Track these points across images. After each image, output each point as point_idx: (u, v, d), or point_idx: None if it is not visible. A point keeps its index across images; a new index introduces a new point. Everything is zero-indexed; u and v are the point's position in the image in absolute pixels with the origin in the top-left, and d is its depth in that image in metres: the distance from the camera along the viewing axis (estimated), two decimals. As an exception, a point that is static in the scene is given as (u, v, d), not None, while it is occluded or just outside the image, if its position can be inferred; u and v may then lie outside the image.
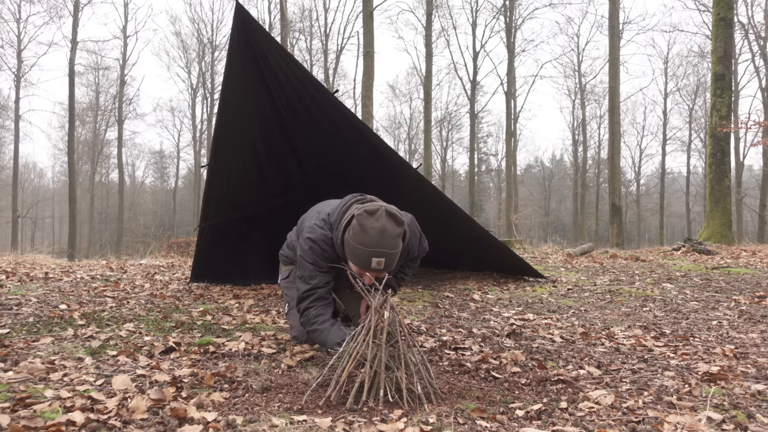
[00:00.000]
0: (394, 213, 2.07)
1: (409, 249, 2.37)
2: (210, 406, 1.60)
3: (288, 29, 16.78)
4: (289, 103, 3.89)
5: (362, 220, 2.05)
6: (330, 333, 2.16)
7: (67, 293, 3.57)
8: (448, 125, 35.48)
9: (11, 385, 1.70)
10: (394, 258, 2.10)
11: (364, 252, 2.05)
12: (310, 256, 2.24)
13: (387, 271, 2.11)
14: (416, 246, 2.44)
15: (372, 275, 2.11)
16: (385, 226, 2.02)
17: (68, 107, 23.17)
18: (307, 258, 2.25)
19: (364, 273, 2.11)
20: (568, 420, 1.55)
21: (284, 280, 2.65)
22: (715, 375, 1.98)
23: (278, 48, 3.59)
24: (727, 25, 10.99)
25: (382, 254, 2.05)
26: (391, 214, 2.06)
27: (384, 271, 2.09)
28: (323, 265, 2.25)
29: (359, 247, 2.05)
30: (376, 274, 2.12)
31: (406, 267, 2.56)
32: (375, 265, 2.06)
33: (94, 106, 32.11)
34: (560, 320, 3.08)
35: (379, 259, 2.05)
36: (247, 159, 4.13)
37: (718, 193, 10.72)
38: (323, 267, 2.25)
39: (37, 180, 46.82)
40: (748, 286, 4.28)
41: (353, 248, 2.08)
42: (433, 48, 23.60)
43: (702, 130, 29.43)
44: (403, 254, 2.28)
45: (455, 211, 4.23)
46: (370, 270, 2.08)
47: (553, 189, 43.46)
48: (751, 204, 27.10)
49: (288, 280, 2.62)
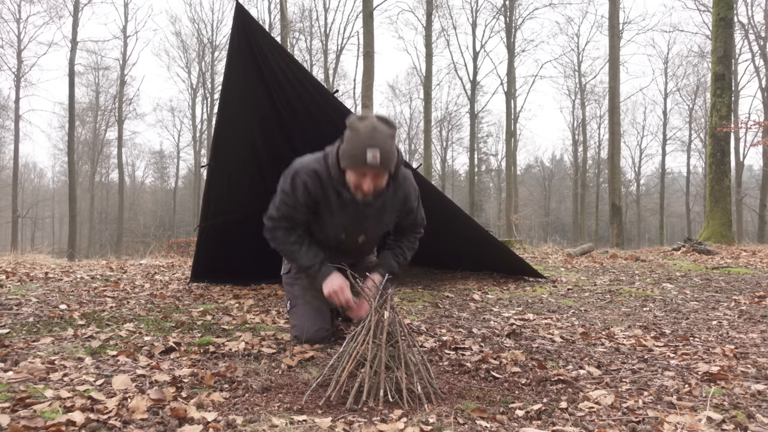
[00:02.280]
0: (385, 116, 2.09)
1: (408, 197, 2.36)
2: (210, 406, 1.60)
3: (288, 29, 16.78)
4: (288, 103, 3.89)
5: (353, 123, 2.06)
6: (302, 254, 2.29)
7: (67, 293, 3.57)
8: (448, 125, 35.50)
9: (11, 385, 1.70)
10: (390, 157, 2.07)
11: (357, 145, 2.02)
12: (288, 186, 2.25)
13: (385, 169, 2.08)
14: (415, 201, 2.40)
15: (371, 179, 2.08)
16: (375, 124, 2.02)
17: (68, 107, 23.18)
18: (285, 188, 2.26)
19: (363, 180, 2.08)
20: (568, 420, 1.55)
21: (285, 275, 2.60)
22: (715, 375, 1.98)
23: (278, 48, 3.59)
24: (727, 25, 10.99)
25: (376, 146, 2.01)
26: (382, 117, 2.07)
27: (381, 169, 2.06)
28: (300, 199, 2.24)
29: (352, 143, 2.04)
30: (374, 176, 2.08)
31: (404, 239, 2.51)
32: (370, 159, 2.01)
33: (94, 106, 32.12)
34: (560, 320, 3.08)
35: (373, 151, 2.01)
36: (247, 158, 4.13)
37: (718, 193, 10.72)
38: (299, 201, 2.25)
39: (37, 180, 46.85)
40: (748, 286, 4.28)
41: (346, 149, 2.08)
42: (433, 48, 23.62)
43: (702, 130, 29.43)
44: (401, 197, 2.32)
45: (455, 211, 4.23)
46: (366, 167, 2.04)
47: (553, 189, 43.46)
48: (751, 204, 27.10)
49: (289, 275, 2.58)
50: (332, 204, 2.28)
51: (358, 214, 2.31)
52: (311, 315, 2.42)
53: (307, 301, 2.45)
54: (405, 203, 2.39)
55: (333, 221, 2.34)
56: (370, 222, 2.37)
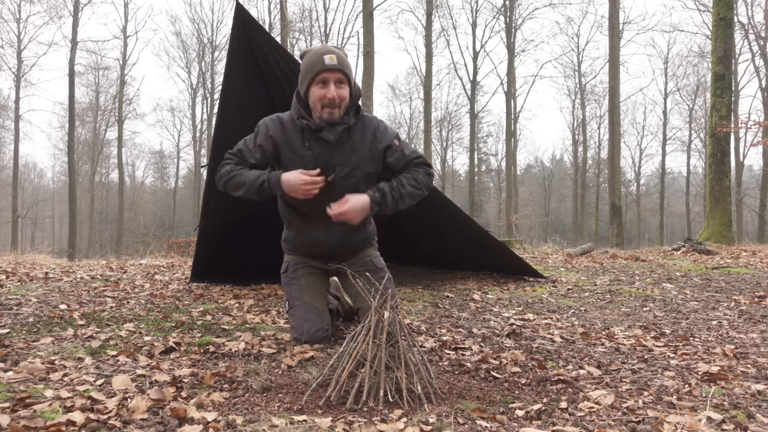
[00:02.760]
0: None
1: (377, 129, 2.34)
2: (210, 406, 1.60)
3: (288, 29, 16.78)
4: (288, 102, 3.89)
5: (305, 49, 2.30)
6: (248, 173, 2.29)
7: (67, 293, 3.58)
8: (448, 125, 35.51)
9: (11, 385, 1.70)
10: (347, 63, 2.22)
11: (313, 56, 2.19)
12: (250, 135, 2.37)
13: (344, 72, 2.20)
14: (392, 136, 2.36)
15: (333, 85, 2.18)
16: (324, 44, 2.27)
17: (68, 107, 23.20)
18: (248, 135, 2.38)
19: (326, 89, 2.18)
20: (568, 420, 1.55)
21: (284, 275, 2.57)
22: (715, 375, 1.98)
23: (278, 48, 3.59)
24: (727, 25, 10.99)
25: (331, 51, 2.18)
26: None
27: (340, 68, 2.18)
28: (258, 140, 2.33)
29: (307, 58, 2.22)
30: (336, 81, 2.19)
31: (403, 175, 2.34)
32: (328, 61, 2.16)
33: (94, 106, 32.13)
34: (560, 320, 3.08)
35: (330, 55, 2.17)
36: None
37: (718, 193, 10.72)
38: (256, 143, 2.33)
39: (37, 180, 46.88)
40: (748, 286, 4.29)
41: (303, 66, 2.24)
42: (433, 48, 23.62)
43: (702, 130, 29.44)
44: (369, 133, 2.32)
45: (455, 211, 4.23)
46: (326, 69, 2.16)
47: (553, 189, 43.47)
48: (751, 204, 27.10)
49: (287, 274, 2.55)
50: (294, 146, 2.30)
51: (323, 152, 2.26)
52: (310, 315, 2.40)
53: (306, 302, 2.43)
54: (376, 139, 2.32)
55: (296, 166, 2.26)
56: (337, 162, 2.27)
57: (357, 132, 2.30)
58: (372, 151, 2.32)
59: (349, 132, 2.29)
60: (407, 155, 2.36)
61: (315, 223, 2.37)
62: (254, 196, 2.32)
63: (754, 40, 23.41)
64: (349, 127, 2.28)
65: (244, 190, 2.33)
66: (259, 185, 2.26)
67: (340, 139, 2.26)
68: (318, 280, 2.55)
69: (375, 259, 2.58)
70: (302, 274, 2.52)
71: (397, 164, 2.36)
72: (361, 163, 2.30)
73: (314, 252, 2.52)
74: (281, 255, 2.67)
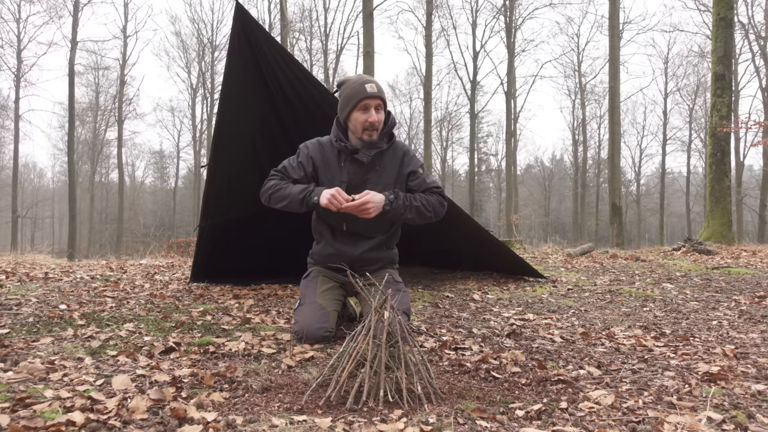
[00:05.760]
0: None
1: (407, 154, 2.60)
2: (210, 406, 1.60)
3: (288, 29, 16.78)
4: (288, 102, 3.89)
5: (342, 80, 2.53)
6: (292, 188, 2.49)
7: (67, 293, 3.57)
8: (448, 125, 35.53)
9: (11, 385, 1.69)
10: (383, 90, 2.47)
11: (353, 85, 2.41)
12: (293, 156, 2.60)
13: (382, 96, 2.43)
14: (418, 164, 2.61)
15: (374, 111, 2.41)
16: (361, 74, 2.48)
17: (68, 107, 23.21)
18: (290, 157, 2.61)
19: (368, 114, 2.40)
20: (568, 420, 1.55)
21: (304, 279, 2.70)
22: (715, 375, 1.98)
23: (278, 48, 3.59)
24: (727, 25, 10.99)
25: (371, 81, 2.41)
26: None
27: (379, 95, 2.41)
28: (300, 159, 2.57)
29: (348, 88, 2.43)
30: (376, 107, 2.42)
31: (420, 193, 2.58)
32: (369, 89, 2.38)
33: (94, 106, 32.14)
34: (560, 320, 3.08)
35: (370, 84, 2.40)
36: (247, 158, 4.13)
37: (718, 193, 10.72)
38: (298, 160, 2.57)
39: (37, 180, 46.89)
40: (748, 286, 4.28)
41: (344, 97, 2.45)
42: (433, 48, 23.64)
43: (702, 130, 29.45)
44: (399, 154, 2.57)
45: (455, 211, 4.23)
46: (368, 96, 2.38)
47: (553, 189, 43.48)
48: (751, 204, 27.11)
49: (307, 279, 2.67)
50: (332, 166, 2.55)
51: (357, 171, 2.53)
52: (314, 313, 2.44)
53: (314, 302, 2.49)
54: (404, 163, 2.58)
55: (333, 183, 2.52)
56: (369, 181, 2.53)
57: (388, 155, 2.57)
58: (399, 173, 2.59)
59: (382, 155, 2.56)
60: (428, 183, 2.62)
61: (343, 238, 2.62)
62: (296, 207, 2.51)
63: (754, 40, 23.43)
64: (382, 151, 2.54)
65: (288, 202, 2.53)
66: (302, 198, 2.48)
67: (372, 160, 2.53)
68: (334, 289, 2.64)
69: (395, 275, 2.71)
70: (321, 280, 2.64)
71: (417, 189, 2.61)
72: (388, 182, 2.57)
73: (338, 261, 2.62)
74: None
